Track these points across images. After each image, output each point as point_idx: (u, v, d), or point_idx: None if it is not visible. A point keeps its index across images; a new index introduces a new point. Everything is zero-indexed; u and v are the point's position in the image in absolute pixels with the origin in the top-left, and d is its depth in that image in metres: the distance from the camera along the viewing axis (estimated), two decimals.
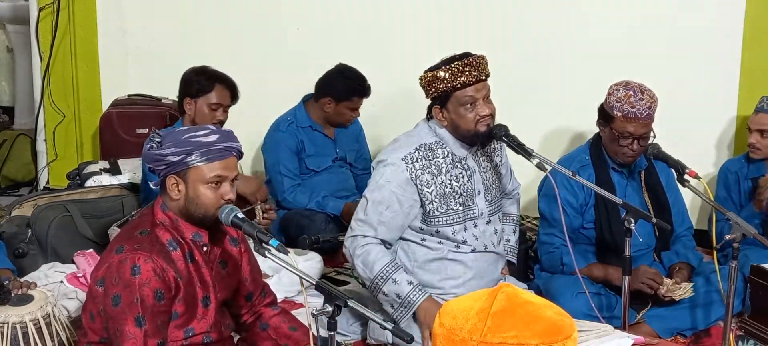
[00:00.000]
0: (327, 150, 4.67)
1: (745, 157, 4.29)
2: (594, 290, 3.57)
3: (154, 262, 2.57)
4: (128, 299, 2.54)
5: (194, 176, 2.63)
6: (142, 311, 2.54)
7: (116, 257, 2.59)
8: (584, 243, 3.73)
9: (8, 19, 6.57)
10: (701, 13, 4.67)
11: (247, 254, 2.93)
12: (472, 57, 3.21)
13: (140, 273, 2.55)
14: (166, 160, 2.62)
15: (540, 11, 4.82)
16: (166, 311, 2.63)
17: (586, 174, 3.66)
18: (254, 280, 2.96)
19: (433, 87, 3.22)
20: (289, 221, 4.46)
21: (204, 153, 2.62)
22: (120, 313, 2.55)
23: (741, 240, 3.08)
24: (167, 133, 2.69)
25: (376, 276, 3.23)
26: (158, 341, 2.59)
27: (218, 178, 2.64)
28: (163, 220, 2.69)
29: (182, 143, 2.62)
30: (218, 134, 2.66)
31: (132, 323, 2.54)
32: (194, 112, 4.06)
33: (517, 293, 1.63)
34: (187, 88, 4.08)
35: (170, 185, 2.66)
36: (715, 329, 3.64)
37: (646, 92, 3.54)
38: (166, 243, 2.66)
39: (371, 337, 3.44)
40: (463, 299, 1.68)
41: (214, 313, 2.78)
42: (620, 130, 3.56)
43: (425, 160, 3.26)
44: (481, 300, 1.62)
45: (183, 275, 2.67)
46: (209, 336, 2.78)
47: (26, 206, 4.24)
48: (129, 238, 2.66)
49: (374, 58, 4.89)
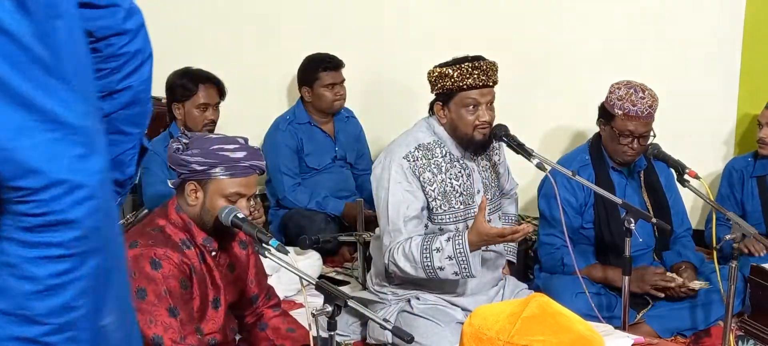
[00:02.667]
0: (326, 148, 4.68)
1: (752, 156, 4.27)
2: (594, 291, 3.57)
3: (171, 256, 2.60)
4: (155, 291, 2.56)
5: (214, 188, 2.65)
6: (173, 302, 2.57)
7: (131, 252, 2.60)
8: (584, 243, 3.73)
9: None
10: (701, 13, 4.67)
11: (253, 256, 2.94)
12: (484, 61, 3.21)
13: (162, 267, 2.57)
14: (190, 167, 2.64)
15: (540, 11, 4.82)
16: (191, 299, 2.66)
17: (585, 174, 3.67)
18: (259, 283, 2.97)
19: (440, 83, 3.22)
20: (289, 220, 4.46)
21: (228, 168, 2.64)
22: (148, 305, 2.56)
23: (741, 240, 3.08)
24: (196, 138, 2.70)
25: (422, 261, 3.16)
26: (194, 326, 2.62)
27: (238, 195, 2.66)
28: (176, 220, 2.71)
29: (209, 154, 2.63)
30: (246, 151, 2.67)
31: (166, 315, 2.56)
32: (184, 116, 4.06)
33: (551, 303, 1.64)
34: (173, 94, 4.09)
35: (189, 191, 2.68)
36: (715, 329, 3.64)
37: (647, 91, 3.55)
38: (178, 242, 2.68)
39: (371, 337, 3.43)
40: (497, 304, 1.70)
41: (223, 316, 2.80)
42: (621, 128, 3.56)
43: (425, 160, 3.26)
44: (513, 305, 1.62)
45: (197, 271, 2.69)
46: (215, 339, 2.79)
47: None
48: (142, 233, 2.68)
49: (374, 58, 4.89)
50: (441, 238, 3.16)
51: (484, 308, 1.67)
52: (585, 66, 4.75)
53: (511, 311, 1.60)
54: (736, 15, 4.59)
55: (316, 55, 4.67)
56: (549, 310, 1.61)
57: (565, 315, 1.63)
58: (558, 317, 1.61)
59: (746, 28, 4.59)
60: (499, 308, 1.64)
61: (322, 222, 4.40)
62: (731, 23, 4.60)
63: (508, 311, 1.60)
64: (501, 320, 1.57)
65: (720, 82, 4.68)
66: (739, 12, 4.58)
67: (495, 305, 1.71)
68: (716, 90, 4.70)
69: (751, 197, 4.18)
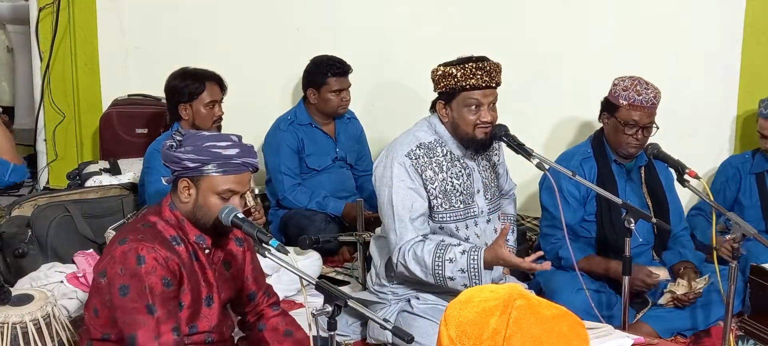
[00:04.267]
0: (327, 149, 4.67)
1: (749, 153, 4.26)
2: (594, 288, 3.58)
3: (157, 251, 2.59)
4: (137, 288, 2.56)
5: (206, 185, 2.65)
6: (151, 299, 2.56)
7: (119, 248, 2.61)
8: (585, 237, 3.73)
9: (8, 19, 6.56)
10: (701, 13, 4.67)
11: (249, 253, 2.94)
12: (488, 63, 3.22)
13: (145, 262, 2.56)
14: (183, 164, 2.64)
15: (540, 11, 4.82)
16: (175, 297, 2.65)
17: (588, 166, 3.72)
18: (256, 280, 2.97)
19: (443, 82, 3.23)
20: (289, 220, 4.46)
21: (221, 165, 2.64)
22: (129, 302, 2.56)
23: (741, 240, 3.08)
24: (189, 136, 2.69)
25: (433, 267, 3.18)
26: (172, 325, 2.60)
27: (230, 192, 2.66)
28: (169, 218, 2.71)
29: (201, 151, 2.63)
30: (238, 149, 2.67)
31: (143, 312, 2.56)
32: (192, 116, 4.06)
33: (527, 317, 1.56)
34: (178, 96, 4.07)
35: (181, 188, 2.68)
36: (715, 329, 3.64)
37: (651, 84, 3.63)
38: (169, 238, 2.68)
39: (371, 337, 3.44)
40: (470, 308, 1.59)
41: (217, 313, 2.79)
42: (625, 118, 3.59)
43: (426, 158, 3.26)
44: (488, 315, 1.56)
45: (187, 267, 2.68)
46: (211, 336, 2.79)
47: (26, 206, 4.24)
48: (132, 230, 2.69)
49: (374, 58, 4.90)
50: (455, 249, 3.16)
51: (460, 314, 1.57)
52: (585, 66, 4.75)
53: (495, 328, 1.55)
54: (736, 15, 4.59)
55: (324, 58, 4.62)
56: (526, 326, 1.55)
57: (545, 324, 1.56)
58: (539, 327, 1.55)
59: (746, 27, 4.60)
60: (478, 317, 1.57)
61: (322, 222, 4.40)
62: (731, 23, 4.60)
63: (491, 329, 1.54)
64: (485, 340, 1.52)
65: (720, 82, 4.68)
66: (740, 12, 4.58)
67: (469, 308, 1.59)
68: (716, 90, 4.70)
69: (749, 194, 4.18)
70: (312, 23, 5.04)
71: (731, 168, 4.27)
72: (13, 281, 3.79)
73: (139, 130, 4.90)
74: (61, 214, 4.08)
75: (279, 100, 5.01)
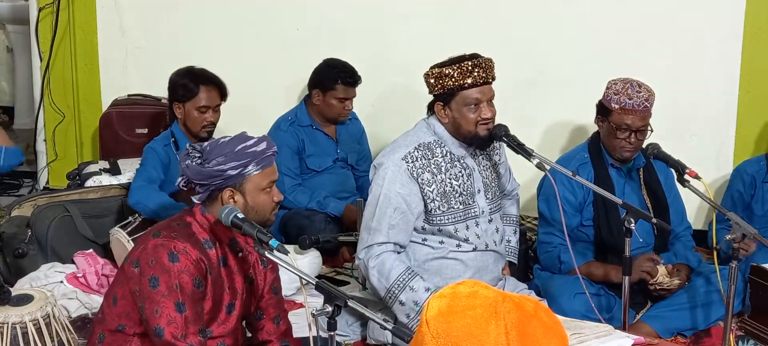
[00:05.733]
0: (328, 150, 4.67)
1: (764, 159, 4.21)
2: (593, 291, 3.57)
3: (190, 252, 2.61)
4: (167, 283, 2.57)
5: (251, 186, 2.71)
6: (182, 298, 2.58)
7: (152, 240, 2.63)
8: (583, 241, 3.73)
9: (8, 19, 6.57)
10: (701, 13, 4.67)
11: (272, 274, 2.93)
12: (481, 59, 3.22)
13: (179, 261, 2.58)
14: (225, 175, 2.67)
15: (540, 10, 4.82)
16: (202, 299, 2.66)
17: (585, 172, 3.69)
18: (268, 301, 2.93)
19: (440, 84, 3.22)
20: (289, 220, 4.46)
21: (259, 162, 2.70)
22: (158, 295, 2.57)
23: (741, 240, 3.08)
24: (213, 147, 2.71)
25: (392, 285, 3.21)
26: (199, 326, 2.62)
27: (271, 183, 2.74)
28: (202, 222, 2.73)
29: (239, 156, 2.67)
30: (265, 142, 2.74)
31: (172, 308, 2.57)
32: (184, 116, 4.05)
33: (519, 308, 1.50)
34: (174, 93, 4.07)
35: (226, 198, 2.70)
36: (715, 329, 3.64)
37: (644, 86, 3.59)
38: (202, 240, 2.69)
39: (371, 337, 3.44)
40: (461, 321, 1.48)
41: (235, 321, 2.80)
42: (618, 122, 3.58)
43: (424, 160, 3.26)
44: (492, 325, 1.50)
45: (214, 272, 2.69)
46: (225, 343, 2.78)
47: (26, 206, 4.24)
48: (167, 226, 2.71)
49: (374, 58, 4.89)
50: (422, 283, 3.20)
51: (449, 327, 1.47)
52: (585, 66, 4.75)
53: (495, 336, 1.46)
54: (736, 15, 4.59)
55: (338, 62, 4.59)
56: (522, 327, 1.52)
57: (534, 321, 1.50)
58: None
59: (746, 28, 4.60)
60: (472, 328, 1.46)
61: (322, 222, 4.40)
62: (732, 23, 4.60)
63: (492, 338, 1.49)
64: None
65: (720, 82, 4.68)
66: (740, 12, 4.58)
67: (456, 319, 1.49)
68: (716, 90, 4.70)
69: (761, 201, 4.15)
70: (312, 23, 5.04)
71: (747, 175, 4.21)
72: (13, 281, 3.80)
73: (139, 130, 4.90)
74: (61, 214, 4.08)
75: (279, 100, 5.01)
